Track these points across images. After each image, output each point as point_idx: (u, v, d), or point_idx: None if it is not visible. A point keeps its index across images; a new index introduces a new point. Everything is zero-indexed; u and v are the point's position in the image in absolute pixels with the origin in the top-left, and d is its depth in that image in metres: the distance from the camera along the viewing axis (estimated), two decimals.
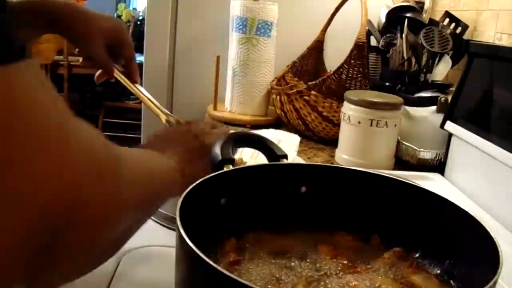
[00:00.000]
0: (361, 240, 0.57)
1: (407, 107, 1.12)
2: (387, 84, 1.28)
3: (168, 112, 0.81)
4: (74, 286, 0.56)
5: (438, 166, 1.07)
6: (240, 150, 0.86)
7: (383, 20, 1.36)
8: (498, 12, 1.12)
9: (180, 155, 0.57)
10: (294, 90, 1.25)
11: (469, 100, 1.00)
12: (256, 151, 0.65)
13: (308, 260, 0.52)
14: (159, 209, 0.73)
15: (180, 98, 1.68)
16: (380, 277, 0.50)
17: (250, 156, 0.86)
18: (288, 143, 1.00)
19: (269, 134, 0.98)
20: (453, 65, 1.24)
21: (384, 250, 0.55)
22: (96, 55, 0.76)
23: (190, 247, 0.36)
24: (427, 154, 1.07)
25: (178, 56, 1.64)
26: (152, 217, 0.74)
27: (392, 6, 1.36)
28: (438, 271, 0.51)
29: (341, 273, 0.50)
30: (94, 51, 0.75)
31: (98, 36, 0.73)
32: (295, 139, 1.06)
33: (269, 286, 0.47)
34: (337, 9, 1.36)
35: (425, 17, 1.32)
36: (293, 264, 0.51)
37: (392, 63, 1.30)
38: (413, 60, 1.24)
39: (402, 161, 1.10)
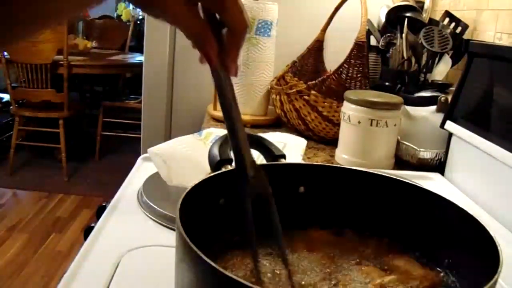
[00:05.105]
0: (361, 240, 0.57)
1: (407, 107, 1.12)
2: (387, 84, 1.28)
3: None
4: (73, 286, 0.57)
5: (438, 166, 1.07)
6: None
7: (383, 19, 1.36)
8: (498, 12, 1.11)
9: None
10: (294, 90, 1.25)
11: (469, 100, 1.00)
12: (260, 157, 0.64)
13: (308, 260, 0.52)
14: (159, 209, 0.74)
15: (180, 98, 1.68)
16: (382, 277, 0.50)
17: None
18: (293, 147, 0.96)
19: (275, 137, 0.96)
20: (453, 65, 1.24)
21: (383, 250, 0.55)
22: (180, 23, 0.41)
23: (190, 247, 0.36)
24: (427, 154, 1.08)
25: (178, 56, 1.64)
26: (152, 217, 0.74)
27: (392, 5, 1.36)
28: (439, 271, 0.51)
29: (348, 270, 0.50)
30: (171, 15, 0.39)
31: None
32: (301, 143, 1.02)
33: (270, 286, 0.47)
34: (337, 9, 1.36)
35: (425, 16, 1.32)
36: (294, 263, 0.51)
37: (392, 62, 1.30)
38: (413, 60, 1.24)
39: (402, 161, 1.10)
